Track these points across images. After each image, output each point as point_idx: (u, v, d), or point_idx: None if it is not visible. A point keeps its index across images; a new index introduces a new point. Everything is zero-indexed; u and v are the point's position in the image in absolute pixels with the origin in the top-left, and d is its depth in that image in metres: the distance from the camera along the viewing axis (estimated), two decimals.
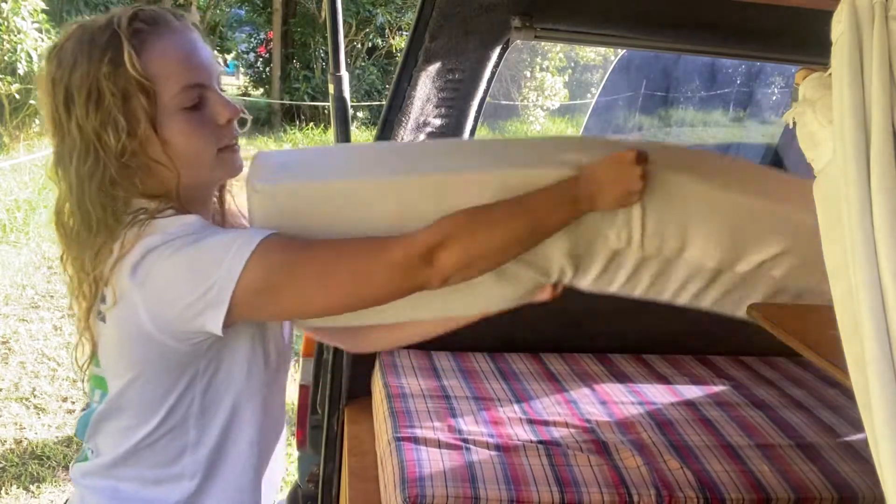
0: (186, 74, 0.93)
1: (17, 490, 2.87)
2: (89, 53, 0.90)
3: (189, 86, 0.93)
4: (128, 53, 0.89)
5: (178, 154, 0.94)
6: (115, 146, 0.90)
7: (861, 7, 0.47)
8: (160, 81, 0.91)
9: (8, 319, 4.32)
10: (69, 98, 0.91)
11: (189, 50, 0.94)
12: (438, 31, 1.56)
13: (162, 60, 0.91)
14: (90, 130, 0.90)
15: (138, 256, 0.90)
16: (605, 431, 1.61)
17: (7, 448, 3.13)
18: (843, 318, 0.47)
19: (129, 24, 0.90)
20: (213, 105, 0.96)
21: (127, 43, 0.89)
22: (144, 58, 0.90)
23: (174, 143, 0.93)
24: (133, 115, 0.90)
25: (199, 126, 0.95)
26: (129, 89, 0.89)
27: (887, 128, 0.44)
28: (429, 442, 1.53)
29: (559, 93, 12.07)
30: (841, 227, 0.45)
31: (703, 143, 5.85)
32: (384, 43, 11.93)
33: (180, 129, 0.93)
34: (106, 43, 0.90)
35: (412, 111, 1.65)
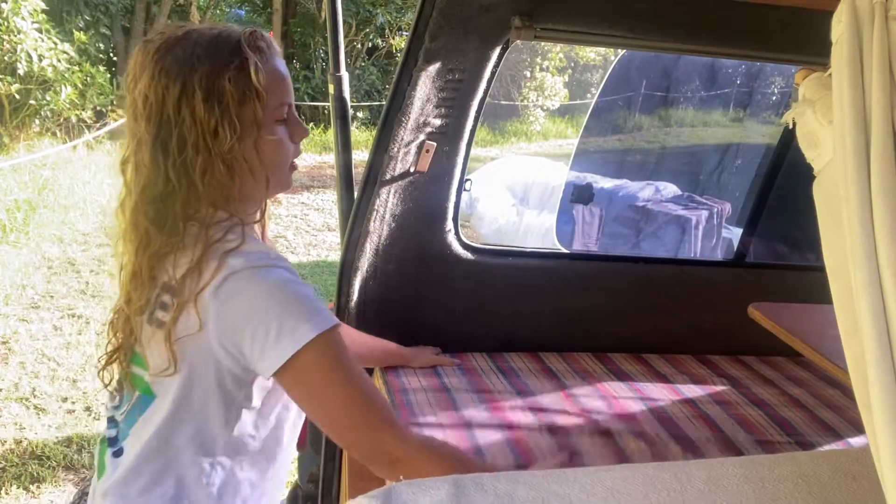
0: (284, 92, 1.06)
1: (17, 490, 2.87)
2: (214, 56, 0.99)
3: (286, 103, 1.06)
4: (254, 64, 1.00)
5: (267, 160, 1.04)
6: (227, 144, 0.99)
7: (861, 7, 0.47)
8: (269, 93, 1.02)
9: (8, 319, 4.32)
10: (185, 93, 0.97)
11: (286, 73, 1.08)
12: (438, 31, 1.56)
13: (272, 76, 1.03)
14: (207, 126, 0.98)
15: (221, 280, 0.97)
16: (606, 421, 1.61)
17: (7, 448, 3.13)
18: (843, 318, 0.47)
19: (252, 39, 1.02)
20: (293, 124, 1.08)
21: (251, 54, 1.00)
22: (262, 70, 1.01)
23: (267, 149, 1.03)
24: (245, 118, 1.00)
25: (286, 139, 1.07)
26: (247, 95, 0.99)
27: (887, 128, 0.44)
28: (432, 426, 1.53)
29: (559, 93, 12.07)
30: (841, 227, 0.45)
31: (704, 143, 5.84)
32: (384, 43, 11.93)
33: (276, 138, 1.04)
34: (231, 51, 1.00)
35: (412, 111, 1.65)
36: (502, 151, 10.24)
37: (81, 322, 4.32)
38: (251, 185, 1.04)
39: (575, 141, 7.18)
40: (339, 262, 1.82)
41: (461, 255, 1.92)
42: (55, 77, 8.09)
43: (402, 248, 1.83)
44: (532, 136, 11.90)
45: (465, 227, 2.80)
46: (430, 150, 1.74)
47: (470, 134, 1.79)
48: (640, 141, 5.80)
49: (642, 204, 4.52)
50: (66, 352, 3.98)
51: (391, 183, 1.74)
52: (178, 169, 0.98)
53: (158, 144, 0.98)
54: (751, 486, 0.82)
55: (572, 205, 4.62)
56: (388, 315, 1.88)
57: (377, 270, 1.83)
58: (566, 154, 7.21)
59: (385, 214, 1.78)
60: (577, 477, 0.78)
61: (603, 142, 5.79)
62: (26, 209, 5.95)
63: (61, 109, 8.37)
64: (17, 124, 8.30)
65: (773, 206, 2.50)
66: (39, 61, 7.82)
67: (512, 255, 2.04)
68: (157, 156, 0.98)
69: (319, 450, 1.86)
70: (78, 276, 5.05)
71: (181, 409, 1.04)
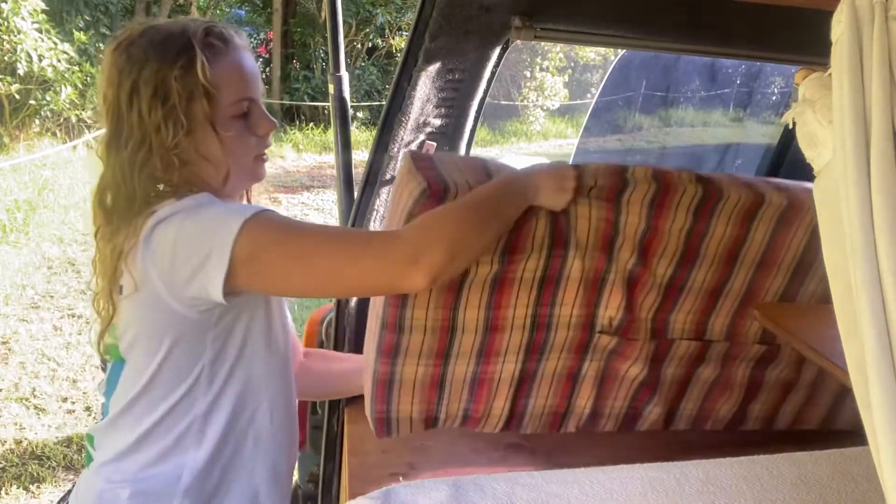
0: (242, 88, 1.07)
1: (17, 490, 2.87)
2: (163, 55, 1.01)
3: (242, 98, 1.06)
4: (201, 62, 1.01)
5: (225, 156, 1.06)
6: (171, 140, 1.01)
7: (861, 7, 0.47)
8: (221, 90, 1.04)
9: (8, 319, 4.32)
10: (135, 90, 1.01)
11: (247, 66, 1.08)
12: (438, 31, 1.56)
13: (225, 73, 1.04)
14: (151, 123, 1.01)
15: (149, 229, 0.99)
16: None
17: (7, 448, 3.13)
18: (843, 318, 0.47)
19: (204, 37, 1.04)
20: (257, 117, 1.09)
21: (200, 52, 1.01)
22: (212, 68, 1.02)
23: (223, 145, 1.05)
24: (193, 115, 1.02)
25: (244, 133, 1.08)
26: (195, 92, 1.01)
27: (887, 128, 0.44)
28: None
29: (559, 93, 12.07)
30: (841, 227, 0.45)
31: (704, 143, 5.85)
32: (384, 43, 11.93)
33: (231, 135, 1.05)
34: (180, 49, 1.02)
35: (412, 111, 1.65)
36: (502, 151, 10.24)
37: (81, 322, 4.32)
38: (211, 175, 1.07)
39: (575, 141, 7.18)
40: None
41: None
42: (55, 77, 8.09)
43: None
44: (532, 136, 11.90)
45: None
46: (430, 150, 1.74)
47: (470, 134, 1.79)
48: (640, 141, 5.80)
49: None
50: (66, 352, 3.98)
51: (391, 183, 1.74)
52: (125, 163, 1.02)
53: (113, 139, 1.03)
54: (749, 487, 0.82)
55: None
56: None
57: None
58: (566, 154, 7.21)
59: (385, 214, 1.78)
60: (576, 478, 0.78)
61: (603, 142, 5.79)
62: (26, 209, 5.96)
63: (61, 109, 8.37)
64: (17, 124, 8.30)
65: None
66: (39, 61, 7.82)
67: None
68: (111, 150, 1.03)
69: (319, 450, 1.86)
70: (78, 276, 5.05)
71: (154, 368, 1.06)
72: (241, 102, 1.06)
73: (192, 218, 0.99)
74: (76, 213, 6.34)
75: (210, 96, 1.02)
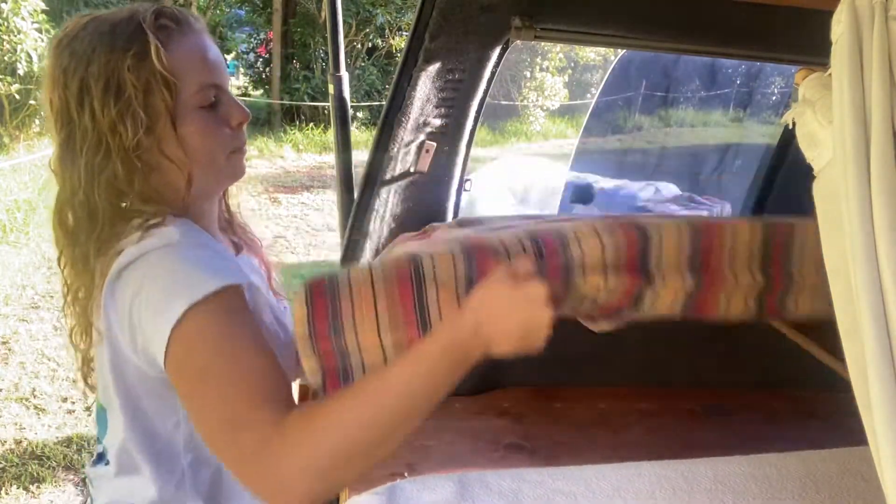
0: (206, 74, 0.93)
1: (17, 490, 2.87)
2: (111, 45, 0.88)
3: (208, 84, 0.93)
4: (155, 47, 0.88)
5: (193, 153, 0.93)
6: (131, 140, 0.88)
7: (861, 7, 0.47)
8: (182, 78, 0.90)
9: (8, 319, 4.32)
10: (84, 89, 0.89)
11: (208, 50, 0.95)
12: (438, 31, 1.56)
13: (185, 58, 0.91)
14: (105, 123, 0.88)
15: (114, 274, 0.87)
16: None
17: (7, 448, 3.13)
18: (843, 318, 0.47)
19: (154, 20, 0.90)
20: (228, 106, 0.96)
21: (153, 37, 0.88)
22: (169, 54, 0.89)
23: (190, 141, 0.92)
24: (153, 109, 0.89)
25: (215, 126, 0.94)
26: (152, 83, 0.88)
27: (887, 128, 0.44)
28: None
29: (559, 93, 12.07)
30: (841, 227, 0.45)
31: (704, 143, 5.85)
32: (384, 43, 11.93)
33: (197, 128, 0.92)
34: (130, 36, 0.89)
35: (412, 111, 1.65)
36: (502, 151, 10.24)
37: None
38: (174, 181, 0.94)
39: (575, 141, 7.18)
40: (339, 262, 1.82)
41: None
42: None
43: None
44: (532, 136, 11.90)
45: None
46: (430, 150, 1.74)
47: (470, 134, 1.79)
48: (640, 141, 5.80)
49: (642, 204, 4.52)
50: (66, 352, 3.98)
51: (391, 183, 1.74)
52: (82, 172, 0.89)
53: (67, 148, 0.91)
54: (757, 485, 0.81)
55: (572, 205, 4.62)
56: None
57: None
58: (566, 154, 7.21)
59: (385, 214, 1.78)
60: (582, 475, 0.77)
61: (603, 142, 5.79)
62: (26, 209, 5.95)
63: None
64: (17, 124, 8.30)
65: (773, 206, 2.50)
66: (39, 61, 7.81)
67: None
68: (65, 160, 0.91)
69: None
70: None
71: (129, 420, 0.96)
72: (207, 90, 0.93)
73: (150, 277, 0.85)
74: None
75: (170, 86, 0.89)
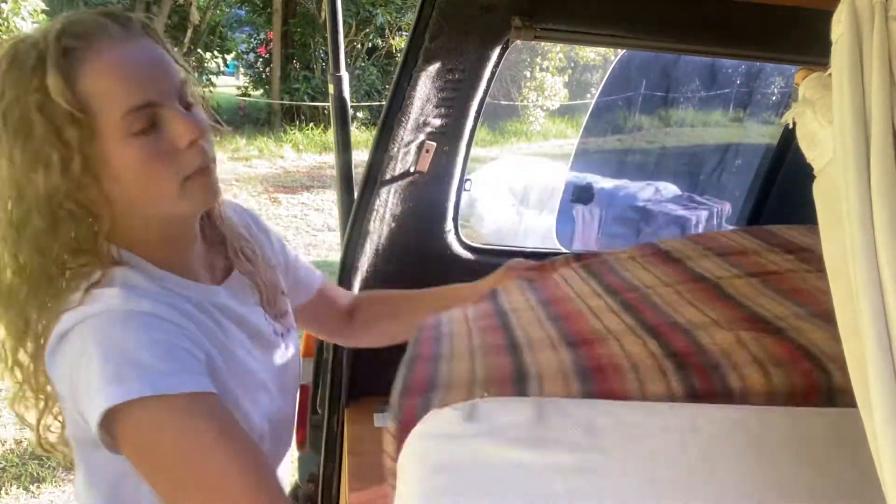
0: (132, 94, 0.77)
1: (17, 490, 2.87)
2: (18, 79, 0.75)
3: (136, 107, 0.77)
4: (53, 79, 0.74)
5: (133, 190, 0.80)
6: (45, 187, 0.76)
7: (861, 7, 0.47)
8: (99, 107, 0.76)
9: None
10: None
11: (133, 63, 0.78)
12: (438, 31, 1.56)
13: (99, 81, 0.76)
14: (20, 170, 0.76)
15: (56, 339, 0.78)
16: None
17: (7, 448, 3.13)
18: (843, 318, 0.47)
19: (56, 42, 0.75)
20: (172, 125, 0.80)
21: (53, 66, 0.74)
22: (77, 81, 0.75)
23: (125, 176, 0.78)
24: (72, 148, 0.75)
25: (155, 153, 0.79)
26: (61, 121, 0.75)
27: (887, 128, 0.44)
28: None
29: (559, 93, 12.08)
30: (841, 227, 0.45)
31: (704, 143, 5.85)
32: (384, 43, 11.93)
33: (131, 160, 0.78)
34: (33, 67, 0.75)
35: (412, 111, 1.65)
36: (502, 151, 10.24)
37: None
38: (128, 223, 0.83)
39: (575, 141, 7.18)
40: (339, 262, 1.82)
41: (461, 255, 1.92)
42: None
43: (402, 248, 1.83)
44: (532, 136, 11.91)
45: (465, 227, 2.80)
46: (430, 150, 1.74)
47: (470, 134, 1.79)
48: (640, 141, 5.80)
49: (642, 204, 4.53)
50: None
51: (391, 183, 1.74)
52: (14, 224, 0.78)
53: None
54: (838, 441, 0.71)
55: (572, 205, 4.63)
56: None
57: (377, 270, 1.83)
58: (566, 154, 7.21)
59: (385, 214, 1.78)
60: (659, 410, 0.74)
61: (603, 142, 5.79)
62: None
63: None
64: None
65: (773, 206, 2.50)
66: None
67: (512, 255, 2.04)
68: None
69: (319, 450, 1.86)
70: None
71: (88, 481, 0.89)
72: (136, 113, 0.77)
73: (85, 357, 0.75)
74: None
75: (79, 122, 0.75)
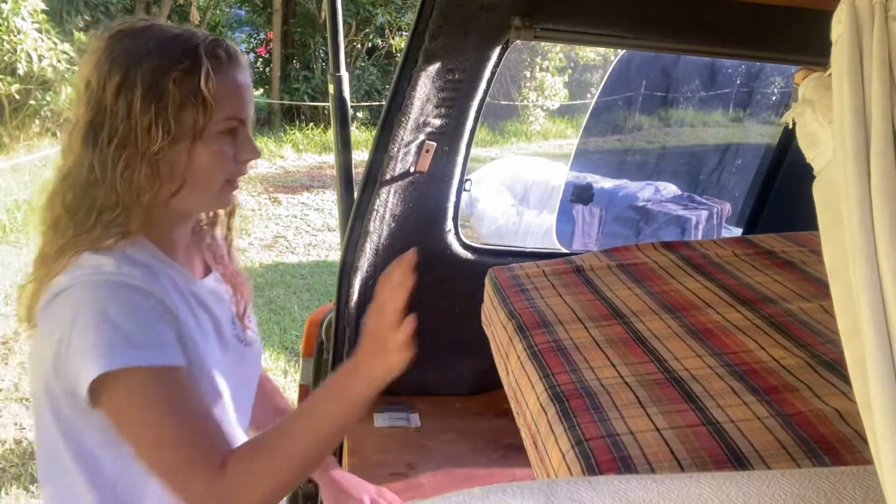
0: (237, 107, 1.02)
1: (17, 490, 2.87)
2: (167, 54, 0.95)
3: (234, 116, 1.01)
4: (205, 71, 0.96)
5: (195, 172, 0.99)
6: (156, 145, 0.94)
7: (861, 7, 0.47)
8: (217, 103, 0.98)
9: (8, 319, 4.31)
10: (126, 83, 0.94)
11: (245, 88, 1.04)
12: (438, 31, 1.56)
13: (225, 88, 0.99)
14: (140, 123, 0.94)
15: (50, 296, 0.93)
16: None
17: (7, 448, 3.13)
18: (843, 318, 0.47)
19: (212, 46, 0.99)
20: (242, 142, 1.04)
21: (206, 61, 0.96)
22: (212, 80, 0.97)
23: (199, 160, 0.99)
24: (182, 123, 0.96)
25: (225, 154, 1.02)
26: (191, 100, 0.95)
27: (887, 128, 0.44)
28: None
29: (559, 93, 12.07)
30: (841, 227, 0.45)
31: (703, 143, 5.85)
32: (384, 43, 11.93)
33: (212, 151, 0.99)
34: (185, 52, 0.96)
35: (412, 111, 1.65)
36: (502, 151, 10.24)
37: None
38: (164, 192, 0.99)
39: (575, 141, 7.18)
40: (339, 262, 1.82)
41: (461, 255, 1.92)
42: (55, 77, 8.08)
43: (402, 248, 1.83)
44: (532, 136, 11.90)
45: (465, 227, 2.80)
46: (430, 150, 1.74)
47: (470, 134, 1.79)
48: (640, 141, 5.80)
49: (642, 204, 4.52)
50: None
51: (391, 183, 1.74)
52: (103, 161, 0.94)
53: (90, 132, 0.95)
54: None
55: (572, 205, 4.63)
56: None
57: (377, 270, 1.83)
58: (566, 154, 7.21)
59: (385, 214, 1.78)
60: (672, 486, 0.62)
61: (603, 142, 5.79)
62: (26, 209, 5.95)
63: (61, 110, 8.36)
64: (17, 124, 8.30)
65: (773, 206, 2.50)
66: (39, 61, 7.82)
67: (512, 255, 2.04)
68: (86, 143, 0.95)
69: None
70: None
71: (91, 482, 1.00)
72: (232, 121, 1.01)
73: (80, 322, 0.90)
74: None
75: (206, 106, 0.96)
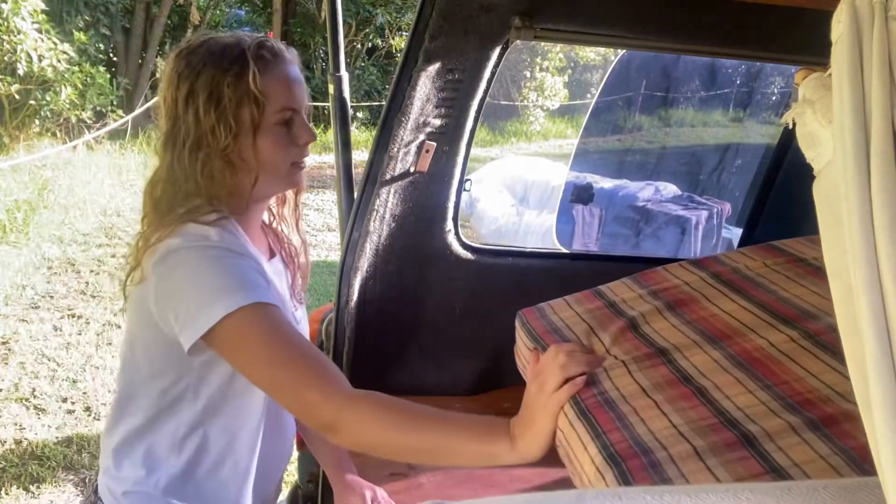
0: (288, 98, 1.15)
1: (17, 490, 2.87)
2: (219, 63, 1.11)
3: (286, 107, 1.15)
4: (252, 72, 1.10)
5: (263, 161, 1.15)
6: (222, 142, 1.10)
7: (861, 7, 0.47)
8: (269, 98, 1.12)
9: (8, 320, 4.32)
10: (191, 94, 1.11)
11: (293, 80, 1.17)
12: (438, 31, 1.56)
13: (274, 83, 1.13)
14: (206, 125, 1.10)
15: (162, 254, 1.08)
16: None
17: (7, 448, 3.13)
18: (843, 318, 0.47)
19: (257, 50, 1.13)
20: (298, 127, 1.18)
21: (252, 63, 1.11)
22: (261, 79, 1.11)
23: (263, 150, 1.14)
24: (241, 120, 1.12)
25: (286, 140, 1.16)
26: (245, 99, 1.11)
27: (887, 128, 0.44)
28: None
29: (559, 93, 12.07)
30: (841, 227, 0.45)
31: (704, 143, 5.85)
32: (384, 43, 11.93)
33: (271, 140, 1.14)
34: (234, 59, 1.11)
35: (412, 111, 1.65)
36: (502, 151, 10.24)
37: (81, 322, 4.32)
38: (244, 181, 1.16)
39: (575, 141, 7.18)
40: (339, 263, 1.82)
41: (461, 255, 1.92)
42: (55, 77, 8.09)
43: (402, 248, 1.83)
44: (532, 136, 11.90)
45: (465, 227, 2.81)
46: (430, 150, 1.74)
47: (470, 134, 1.79)
48: (640, 141, 5.80)
49: (642, 204, 4.52)
50: (66, 352, 3.98)
51: (391, 183, 1.74)
52: (181, 161, 1.11)
53: (170, 138, 1.13)
54: None
55: (572, 205, 4.63)
56: (388, 315, 1.88)
57: (377, 270, 1.83)
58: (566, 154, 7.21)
59: (385, 214, 1.78)
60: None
61: (603, 142, 5.79)
62: (26, 209, 5.95)
63: (61, 110, 8.36)
64: (17, 124, 8.30)
65: (773, 206, 2.50)
66: (39, 61, 7.82)
67: (512, 255, 2.04)
68: (168, 147, 1.13)
69: None
70: (78, 277, 5.05)
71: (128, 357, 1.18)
72: (285, 111, 1.15)
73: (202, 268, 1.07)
74: (76, 214, 6.34)
75: (258, 103, 1.11)
